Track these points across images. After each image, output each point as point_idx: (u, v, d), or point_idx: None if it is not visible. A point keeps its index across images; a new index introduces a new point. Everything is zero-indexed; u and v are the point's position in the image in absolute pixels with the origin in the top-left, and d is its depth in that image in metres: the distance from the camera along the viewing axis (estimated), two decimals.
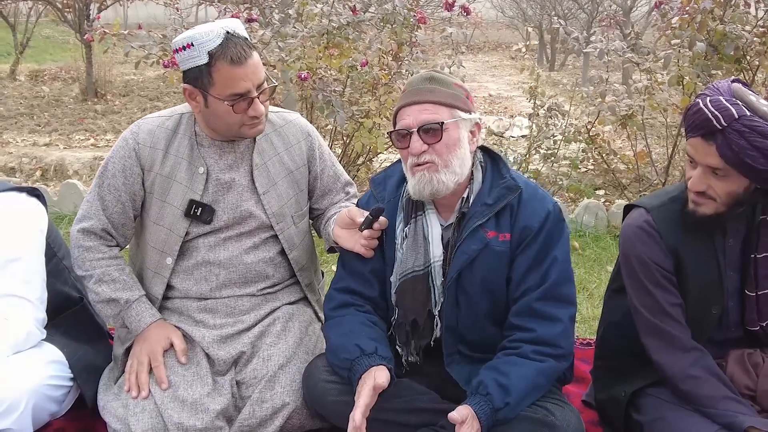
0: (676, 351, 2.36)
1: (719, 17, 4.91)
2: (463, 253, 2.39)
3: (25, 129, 8.68)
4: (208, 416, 2.41)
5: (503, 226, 2.40)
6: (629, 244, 2.41)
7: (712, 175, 2.22)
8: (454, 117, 2.36)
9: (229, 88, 2.46)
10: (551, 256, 2.38)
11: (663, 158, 5.98)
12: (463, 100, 2.40)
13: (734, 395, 2.29)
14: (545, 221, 2.39)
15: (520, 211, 2.40)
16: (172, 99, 10.05)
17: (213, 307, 2.66)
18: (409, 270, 2.45)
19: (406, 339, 2.50)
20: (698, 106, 2.19)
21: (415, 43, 5.56)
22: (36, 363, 2.54)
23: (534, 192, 2.45)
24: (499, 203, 2.40)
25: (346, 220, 2.58)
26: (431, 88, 2.37)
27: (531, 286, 2.38)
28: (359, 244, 2.52)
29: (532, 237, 2.38)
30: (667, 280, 2.38)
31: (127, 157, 2.62)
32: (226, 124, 2.54)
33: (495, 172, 2.48)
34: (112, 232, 2.65)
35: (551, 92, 7.87)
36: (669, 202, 2.42)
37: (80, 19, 10.51)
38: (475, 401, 2.24)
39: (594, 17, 13.56)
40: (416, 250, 2.44)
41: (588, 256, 4.84)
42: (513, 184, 2.42)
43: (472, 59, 16.63)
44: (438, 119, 2.33)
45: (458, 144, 2.36)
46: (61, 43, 15.99)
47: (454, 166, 2.36)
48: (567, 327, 2.38)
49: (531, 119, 6.15)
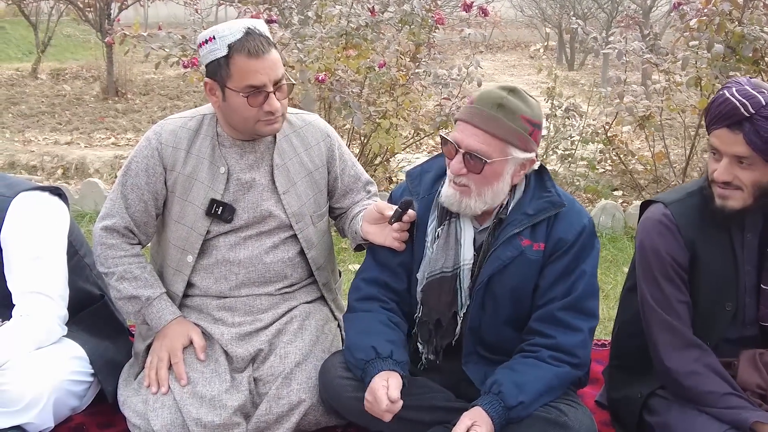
0: (679, 346, 2.37)
1: (737, 19, 4.90)
2: (497, 258, 2.40)
3: (46, 127, 8.76)
4: (226, 412, 2.45)
5: (538, 236, 2.41)
6: (647, 236, 2.43)
7: (738, 164, 2.26)
8: (505, 155, 2.31)
9: (245, 80, 2.49)
10: (580, 270, 2.40)
11: (681, 159, 5.96)
12: (523, 138, 2.32)
13: (736, 391, 2.31)
14: (580, 235, 2.41)
15: (557, 222, 2.42)
16: (192, 98, 10.10)
17: (232, 305, 2.70)
18: (438, 270, 2.46)
19: (428, 337, 2.53)
20: (724, 96, 2.23)
21: (432, 44, 5.58)
22: (57, 359, 2.58)
23: (572, 205, 2.46)
24: (539, 215, 2.41)
25: (375, 215, 2.60)
26: (495, 117, 2.29)
27: (557, 295, 2.40)
28: (390, 237, 2.55)
29: (565, 249, 2.40)
30: (679, 277, 2.40)
31: (150, 157, 2.66)
32: (242, 118, 2.57)
33: (539, 184, 2.47)
34: (135, 230, 2.69)
35: (569, 92, 7.86)
36: (687, 197, 2.45)
37: (101, 19, 10.60)
38: (487, 400, 2.28)
39: (613, 17, 13.51)
40: (447, 251, 2.46)
41: (604, 257, 4.83)
42: (558, 201, 2.42)
43: (491, 58, 16.62)
44: (486, 153, 2.29)
45: (498, 179, 2.34)
46: (82, 41, 16.10)
47: (486, 197, 2.36)
48: (586, 338, 2.41)
49: (548, 120, 6.15)
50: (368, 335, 2.44)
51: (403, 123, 5.53)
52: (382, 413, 2.27)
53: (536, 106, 2.38)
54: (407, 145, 6.26)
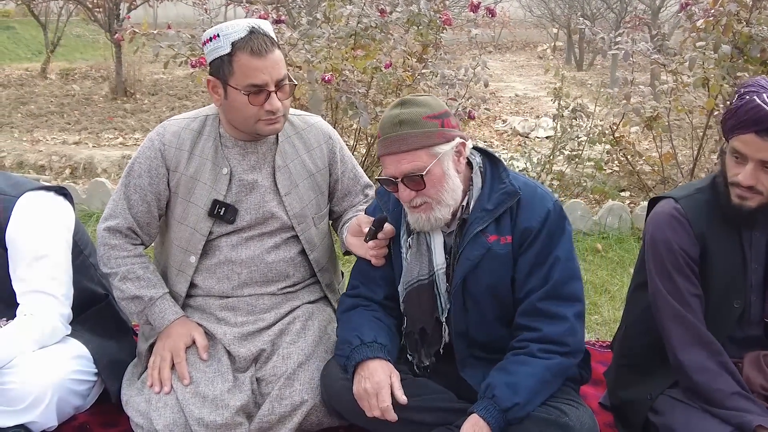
0: (693, 340, 2.37)
1: (745, 19, 4.88)
2: (466, 259, 2.40)
3: (55, 127, 8.80)
4: (228, 412, 2.46)
5: (504, 229, 2.40)
6: (658, 229, 2.43)
7: (762, 169, 2.26)
8: (434, 156, 2.32)
9: (247, 78, 2.50)
10: (553, 256, 2.38)
11: (689, 160, 5.94)
12: (439, 133, 2.33)
13: (745, 392, 2.31)
14: (545, 221, 2.39)
15: (520, 212, 2.40)
16: (200, 98, 10.14)
17: (234, 305, 2.70)
18: (414, 279, 2.48)
19: (415, 347, 2.54)
20: (754, 102, 2.23)
21: (440, 45, 5.57)
22: (61, 358, 2.60)
23: (533, 192, 2.44)
24: (499, 209, 2.40)
25: (356, 228, 2.62)
26: (402, 135, 2.31)
27: (534, 286, 2.39)
28: (369, 252, 2.57)
29: (533, 237, 2.39)
30: (690, 269, 2.40)
31: (153, 158, 2.67)
32: (242, 116, 2.58)
33: (495, 176, 2.46)
34: (138, 230, 2.70)
35: (577, 93, 7.84)
36: (696, 192, 2.46)
37: (110, 19, 10.64)
38: (482, 406, 2.27)
39: (622, 17, 13.47)
40: (420, 259, 2.47)
41: (611, 258, 4.83)
42: (512, 190, 2.41)
43: (500, 59, 16.62)
44: (418, 168, 2.31)
45: (445, 178, 2.35)
46: (91, 41, 16.18)
47: (447, 199, 2.37)
48: (573, 325, 2.38)
49: (555, 120, 6.14)
50: (353, 329, 2.47)
51: None
52: (376, 410, 2.29)
53: (431, 99, 2.40)
54: None
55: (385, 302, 2.58)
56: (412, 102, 2.36)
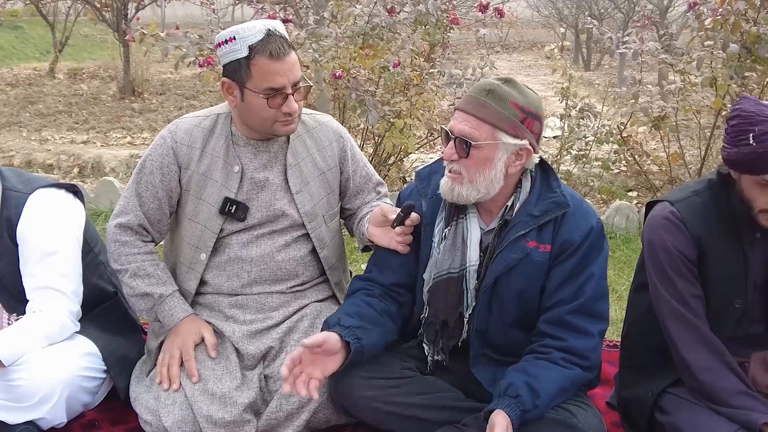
0: (698, 340, 2.37)
1: (753, 19, 4.87)
2: (502, 260, 2.40)
3: (63, 126, 8.82)
4: (237, 409, 2.47)
5: (545, 237, 2.40)
6: (654, 233, 2.43)
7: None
8: (493, 139, 2.31)
9: (266, 82, 2.51)
10: (588, 272, 2.39)
11: (696, 160, 5.93)
12: (514, 124, 2.32)
13: (750, 391, 2.32)
14: (587, 236, 2.40)
15: (564, 224, 2.41)
16: (208, 98, 10.14)
17: (243, 303, 2.71)
18: (445, 271, 2.46)
19: (434, 338, 2.53)
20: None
21: (447, 44, 5.58)
22: (70, 355, 2.61)
23: (579, 206, 2.45)
24: (545, 216, 2.39)
25: (379, 218, 2.62)
26: (484, 103, 2.31)
27: (565, 298, 2.39)
28: (394, 240, 2.57)
29: (572, 251, 2.39)
30: (689, 271, 2.40)
31: (165, 155, 2.68)
32: (260, 118, 2.59)
33: (544, 184, 2.46)
34: (148, 227, 2.71)
35: (584, 93, 7.83)
36: (693, 195, 2.45)
37: (118, 18, 10.67)
38: (505, 403, 2.24)
39: (630, 17, 13.46)
40: (454, 252, 2.45)
41: (618, 258, 4.82)
42: (563, 201, 2.41)
43: (507, 58, 16.61)
44: (472, 136, 2.31)
45: (489, 165, 2.33)
46: (99, 41, 16.21)
47: (479, 184, 2.35)
48: (597, 342, 2.41)
49: (563, 120, 6.13)
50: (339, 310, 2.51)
51: (417, 123, 5.53)
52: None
53: (532, 95, 2.38)
54: (421, 145, 6.26)
55: (392, 287, 2.58)
56: (515, 85, 2.37)
